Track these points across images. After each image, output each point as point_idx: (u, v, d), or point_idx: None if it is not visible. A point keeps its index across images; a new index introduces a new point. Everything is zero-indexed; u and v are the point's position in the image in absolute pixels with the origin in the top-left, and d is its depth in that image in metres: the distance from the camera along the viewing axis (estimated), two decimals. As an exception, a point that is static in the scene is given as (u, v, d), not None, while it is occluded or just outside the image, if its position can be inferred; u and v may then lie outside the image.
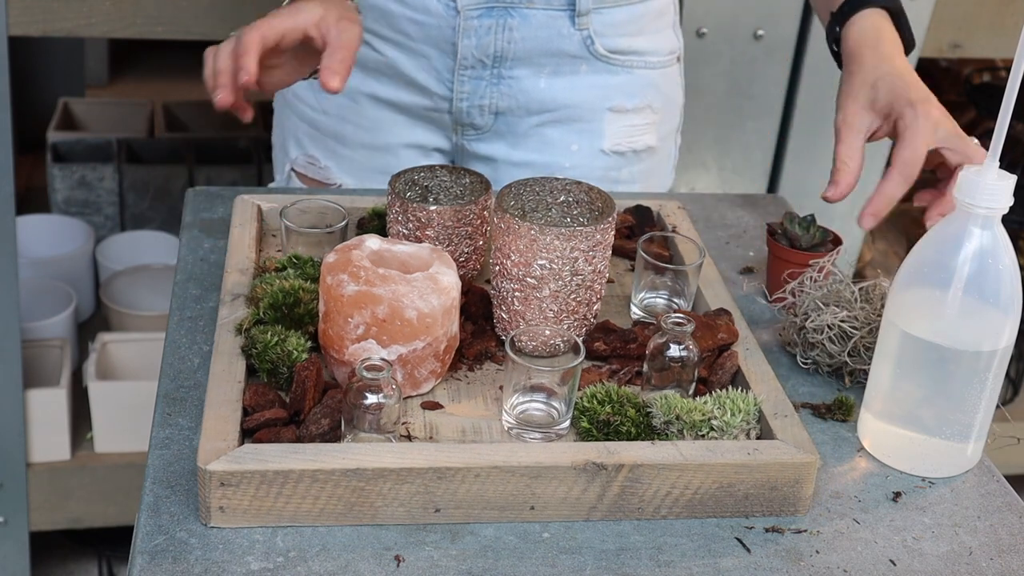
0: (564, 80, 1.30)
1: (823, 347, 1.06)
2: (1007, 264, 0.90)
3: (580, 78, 1.31)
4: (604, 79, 1.32)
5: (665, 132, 1.40)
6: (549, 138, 1.33)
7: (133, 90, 3.03)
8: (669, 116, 1.40)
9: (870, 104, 1.11)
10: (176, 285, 1.13)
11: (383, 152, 1.36)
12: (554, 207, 1.06)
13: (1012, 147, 2.44)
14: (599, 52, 1.29)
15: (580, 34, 1.28)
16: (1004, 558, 0.89)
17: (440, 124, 1.35)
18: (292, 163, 1.39)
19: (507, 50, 1.27)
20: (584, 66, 1.30)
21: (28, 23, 1.76)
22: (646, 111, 1.35)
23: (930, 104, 1.09)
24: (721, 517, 0.91)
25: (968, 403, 0.94)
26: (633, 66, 1.33)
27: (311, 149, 1.38)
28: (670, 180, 1.46)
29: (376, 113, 1.34)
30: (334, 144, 1.36)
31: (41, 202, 2.55)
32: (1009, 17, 2.03)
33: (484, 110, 1.31)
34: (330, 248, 1.04)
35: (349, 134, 1.35)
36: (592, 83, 1.31)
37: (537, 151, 1.34)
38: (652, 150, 1.38)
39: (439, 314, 0.94)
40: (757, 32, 1.93)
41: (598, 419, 0.92)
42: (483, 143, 1.35)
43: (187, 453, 0.91)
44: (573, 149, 1.34)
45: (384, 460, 0.85)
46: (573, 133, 1.34)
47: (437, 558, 0.84)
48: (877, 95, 1.11)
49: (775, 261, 1.18)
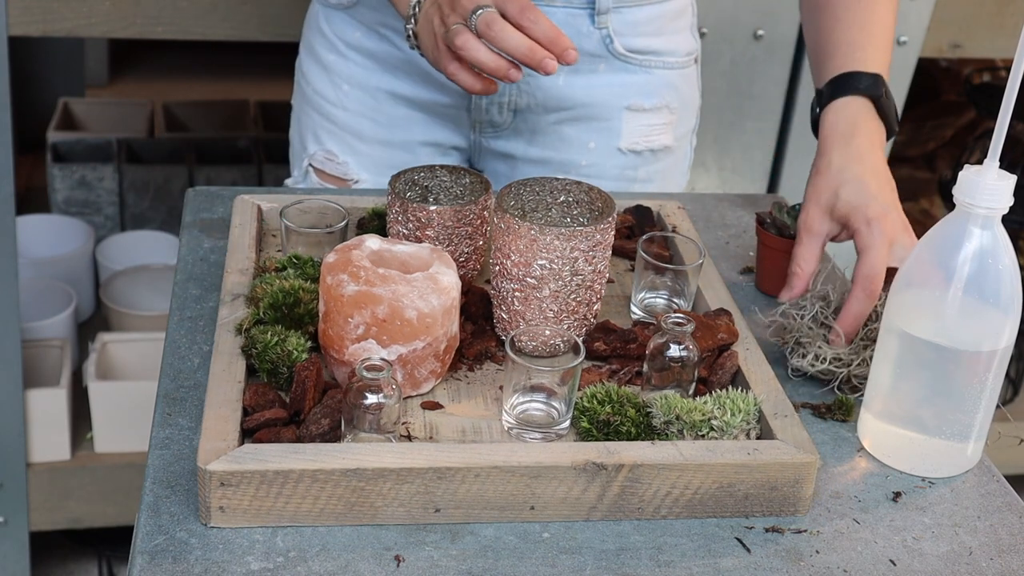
0: (582, 78, 1.31)
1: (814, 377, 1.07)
2: (1007, 264, 0.90)
3: (598, 76, 1.31)
4: (622, 78, 1.32)
5: (681, 133, 1.40)
6: (566, 136, 1.34)
7: (133, 90, 3.03)
8: (686, 117, 1.40)
9: (830, 210, 1.10)
10: (176, 285, 1.13)
11: (401, 149, 1.36)
12: (554, 207, 1.06)
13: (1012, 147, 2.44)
14: (618, 51, 1.29)
15: (599, 33, 1.28)
16: (1004, 558, 0.89)
17: (458, 122, 1.35)
18: (310, 158, 1.39)
19: None
20: (602, 65, 1.30)
21: (28, 23, 1.76)
22: (663, 111, 1.36)
23: (886, 220, 1.07)
24: (721, 517, 0.91)
25: (968, 403, 0.94)
26: (652, 66, 1.33)
27: (329, 144, 1.38)
28: (685, 180, 1.47)
29: (395, 110, 1.35)
30: (352, 140, 1.37)
31: (41, 202, 2.55)
32: (1009, 17, 2.03)
33: (503, 107, 1.32)
34: (330, 248, 1.04)
35: (367, 130, 1.36)
36: (610, 81, 1.32)
37: (554, 148, 1.34)
38: (668, 150, 1.39)
39: (439, 314, 0.94)
40: (757, 32, 1.93)
41: (598, 419, 0.92)
42: (501, 140, 1.35)
43: (187, 453, 0.91)
44: (590, 147, 1.34)
45: (384, 460, 0.85)
46: (591, 131, 1.34)
47: (437, 558, 0.84)
48: (837, 202, 1.10)
49: (765, 250, 1.19)
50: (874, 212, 1.07)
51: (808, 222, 1.11)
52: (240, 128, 2.74)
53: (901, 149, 2.71)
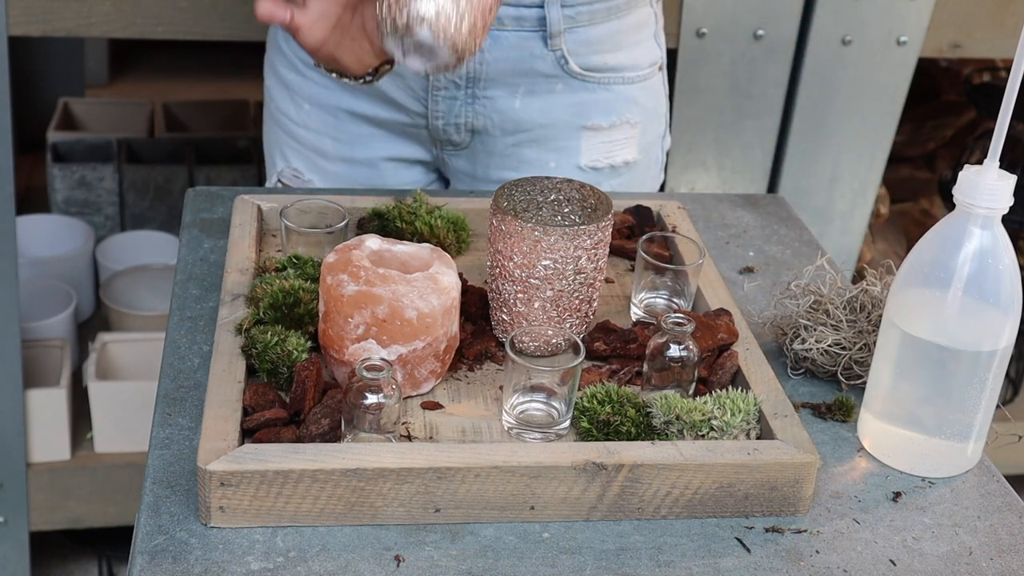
0: (539, 100, 1.29)
1: (813, 362, 1.06)
2: (1007, 264, 0.90)
3: (556, 97, 1.30)
4: (580, 97, 1.30)
5: (647, 142, 1.38)
6: (526, 157, 1.33)
7: (133, 90, 3.03)
8: (651, 127, 1.38)
9: None
10: (176, 285, 1.13)
11: (364, 166, 1.36)
12: (544, 206, 1.06)
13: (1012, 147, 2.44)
14: (574, 71, 1.28)
15: (553, 54, 1.26)
16: (1004, 558, 0.89)
17: (420, 138, 1.35)
18: (279, 175, 1.40)
19: (479, 71, 1.27)
20: (560, 85, 1.29)
21: (28, 23, 1.76)
22: (624, 127, 1.34)
23: None
24: (721, 517, 0.91)
25: (968, 403, 0.94)
26: (611, 82, 1.31)
27: (295, 162, 1.38)
28: (655, 184, 1.45)
29: (356, 128, 1.34)
30: (316, 158, 1.37)
31: (41, 202, 2.55)
32: (1009, 17, 2.03)
33: (460, 128, 1.31)
34: (330, 248, 1.04)
35: (330, 148, 1.35)
36: (567, 102, 1.30)
37: (515, 170, 1.33)
38: (630, 164, 1.37)
39: (439, 314, 0.94)
40: (757, 32, 1.93)
41: (598, 419, 0.92)
42: (463, 159, 1.35)
43: (187, 453, 0.91)
44: (551, 167, 1.34)
45: (384, 460, 0.85)
46: (550, 151, 1.33)
47: (437, 558, 0.84)
48: None
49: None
50: None
51: None
52: (240, 128, 2.74)
53: (901, 149, 2.71)
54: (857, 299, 1.07)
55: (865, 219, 2.11)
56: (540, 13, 1.24)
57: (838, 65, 1.96)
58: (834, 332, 1.04)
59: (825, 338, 1.04)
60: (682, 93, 1.96)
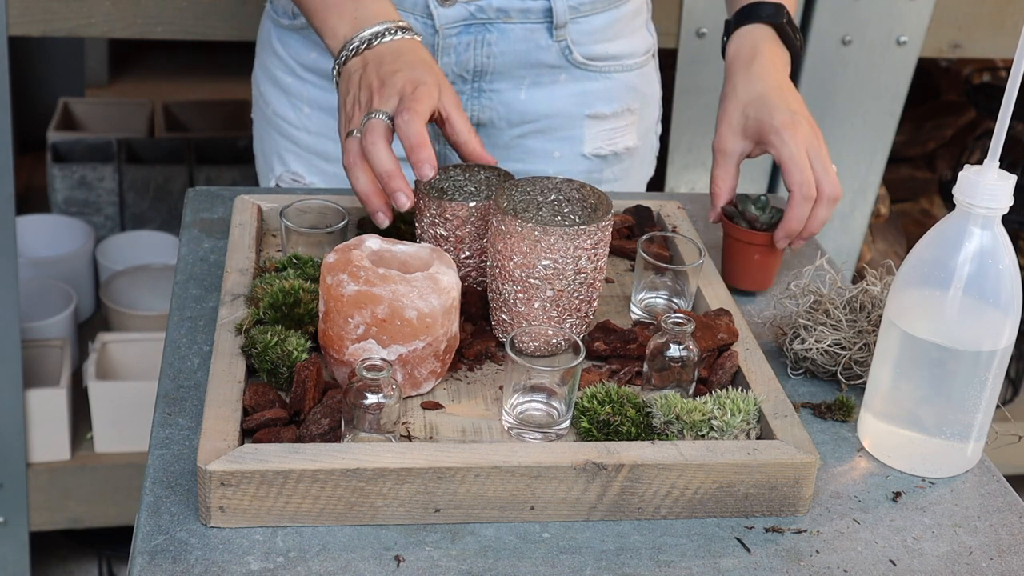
0: (544, 91, 1.31)
1: (813, 362, 1.06)
2: (1007, 264, 0.90)
3: (559, 87, 1.32)
4: (583, 86, 1.32)
5: (645, 128, 1.42)
6: (531, 148, 1.34)
7: (133, 90, 3.03)
8: (647, 113, 1.41)
9: (741, 129, 1.16)
10: (176, 285, 1.13)
11: None
12: (544, 206, 1.06)
13: (1012, 147, 2.44)
14: (577, 60, 1.30)
15: (558, 45, 1.28)
16: (1004, 558, 0.89)
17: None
18: (278, 179, 1.40)
19: (487, 64, 1.27)
20: (563, 75, 1.31)
21: (28, 23, 1.76)
22: (625, 114, 1.37)
23: (796, 127, 1.12)
24: (721, 517, 0.91)
25: (968, 403, 0.94)
26: (612, 71, 1.34)
27: (295, 166, 1.38)
28: (651, 169, 1.48)
29: None
30: (318, 161, 1.36)
31: (41, 202, 2.55)
32: (1009, 17, 2.03)
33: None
34: (330, 248, 1.04)
35: (332, 151, 1.35)
36: (571, 91, 1.32)
37: (519, 161, 1.35)
38: (631, 150, 1.40)
39: (439, 314, 0.94)
40: (757, 32, 1.93)
41: (598, 419, 0.92)
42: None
43: (187, 453, 0.91)
44: (555, 156, 1.35)
45: (384, 460, 0.85)
46: (554, 141, 1.35)
47: (437, 558, 0.84)
48: (747, 121, 1.15)
49: (735, 244, 1.18)
50: (780, 121, 1.12)
51: (720, 143, 1.17)
52: (240, 128, 2.74)
53: (901, 149, 2.71)
54: (857, 299, 1.07)
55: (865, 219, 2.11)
56: (546, 5, 1.26)
57: (838, 65, 1.96)
58: (834, 332, 1.04)
59: (825, 338, 1.04)
60: (682, 93, 1.96)
